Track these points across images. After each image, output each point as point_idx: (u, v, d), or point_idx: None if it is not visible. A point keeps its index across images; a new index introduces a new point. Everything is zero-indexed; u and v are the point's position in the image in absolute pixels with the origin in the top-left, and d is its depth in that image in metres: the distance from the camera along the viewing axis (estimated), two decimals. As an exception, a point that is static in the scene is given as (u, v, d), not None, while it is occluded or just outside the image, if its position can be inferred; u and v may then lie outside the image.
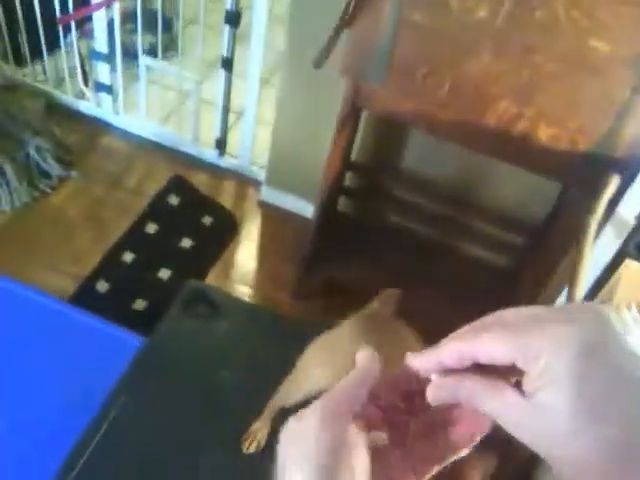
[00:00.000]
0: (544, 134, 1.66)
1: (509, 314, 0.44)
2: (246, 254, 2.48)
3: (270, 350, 1.43)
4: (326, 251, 2.28)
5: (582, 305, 0.46)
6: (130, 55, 2.62)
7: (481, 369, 0.44)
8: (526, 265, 2.34)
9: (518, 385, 0.42)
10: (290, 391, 1.21)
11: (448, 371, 0.45)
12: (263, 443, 1.28)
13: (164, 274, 2.32)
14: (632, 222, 1.50)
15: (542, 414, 0.40)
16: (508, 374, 0.43)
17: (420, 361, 0.46)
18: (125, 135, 2.73)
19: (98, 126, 2.73)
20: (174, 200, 2.53)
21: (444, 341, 0.45)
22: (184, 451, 1.27)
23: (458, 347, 0.44)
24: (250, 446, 1.27)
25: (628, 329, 0.42)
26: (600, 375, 0.40)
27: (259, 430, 1.28)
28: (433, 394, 0.45)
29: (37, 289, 1.93)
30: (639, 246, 1.95)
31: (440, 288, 2.32)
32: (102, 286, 2.25)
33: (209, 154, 2.68)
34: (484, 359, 0.43)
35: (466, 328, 0.45)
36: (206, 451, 1.27)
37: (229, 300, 1.51)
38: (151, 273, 2.31)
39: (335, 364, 1.07)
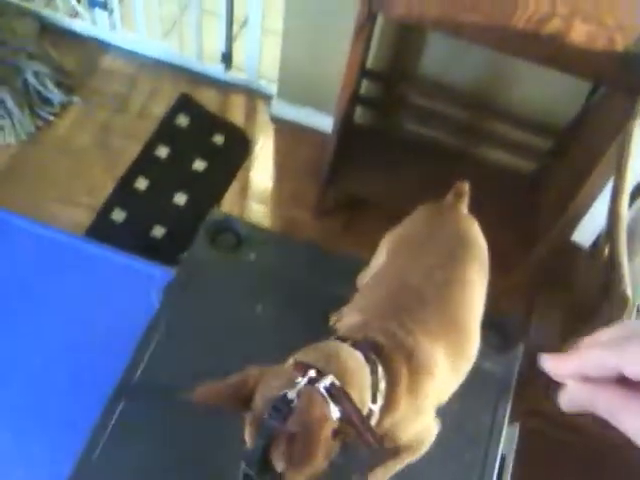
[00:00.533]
0: (579, 32, 1.55)
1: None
2: (261, 172, 2.40)
3: (301, 280, 1.39)
4: (345, 165, 2.21)
5: None
6: (122, -35, 2.46)
7: (620, 383, 0.40)
8: (550, 169, 2.27)
9: None
10: (363, 278, 1.24)
11: (584, 379, 0.41)
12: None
13: (180, 199, 2.26)
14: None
15: None
16: None
17: (556, 364, 0.43)
18: (125, 54, 2.59)
19: (96, 46, 2.59)
20: (183, 121, 2.43)
21: (584, 346, 0.42)
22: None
23: (603, 356, 0.41)
24: (337, 322, 1.30)
25: None
26: None
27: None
28: (568, 400, 0.43)
29: (52, 225, 1.88)
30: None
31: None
32: (118, 215, 2.20)
33: (215, 69, 2.55)
34: (632, 372, 0.39)
35: (607, 336, 0.42)
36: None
37: (255, 230, 1.44)
38: (167, 199, 2.25)
39: (396, 240, 1.12)
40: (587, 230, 1.80)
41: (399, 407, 0.85)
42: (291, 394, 0.72)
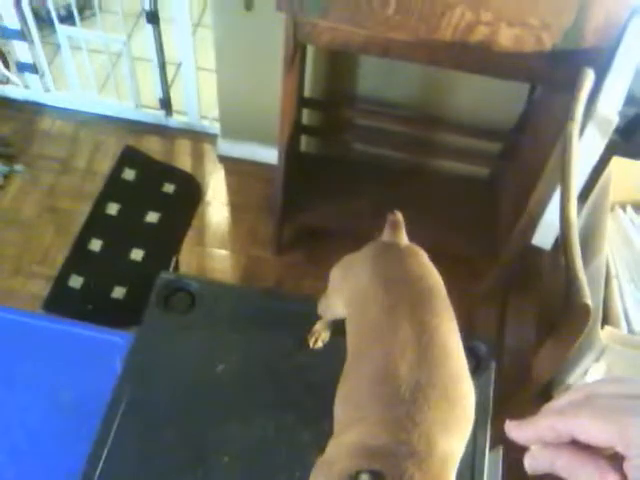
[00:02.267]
0: (506, 36, 1.54)
1: (605, 389, 0.44)
2: (217, 216, 2.36)
3: (259, 331, 1.34)
4: (297, 196, 2.18)
5: None
6: (46, 24, 2.41)
7: (577, 445, 0.43)
8: (504, 172, 2.26)
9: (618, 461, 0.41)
10: (324, 309, 1.24)
11: (544, 443, 0.45)
12: (327, 339, 1.31)
13: (136, 255, 2.20)
14: (615, 120, 1.40)
15: None
16: (608, 450, 0.42)
17: (518, 432, 0.47)
18: (62, 114, 2.54)
19: (32, 110, 2.54)
20: (130, 174, 2.38)
21: (542, 414, 0.46)
22: (193, 459, 1.20)
23: (555, 423, 0.44)
24: (316, 342, 1.31)
25: None
26: None
27: (322, 330, 1.31)
28: (530, 464, 0.46)
29: (8, 301, 1.82)
30: (621, 132, 1.87)
31: (423, 209, 2.24)
32: (76, 281, 2.13)
33: (156, 116, 2.51)
34: (581, 438, 0.42)
35: (565, 401, 0.45)
36: (216, 453, 1.20)
37: (207, 285, 1.40)
38: (123, 257, 2.20)
39: (352, 298, 1.08)
40: (546, 233, 1.78)
41: None
42: None
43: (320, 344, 1.32)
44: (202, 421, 1.23)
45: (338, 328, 1.25)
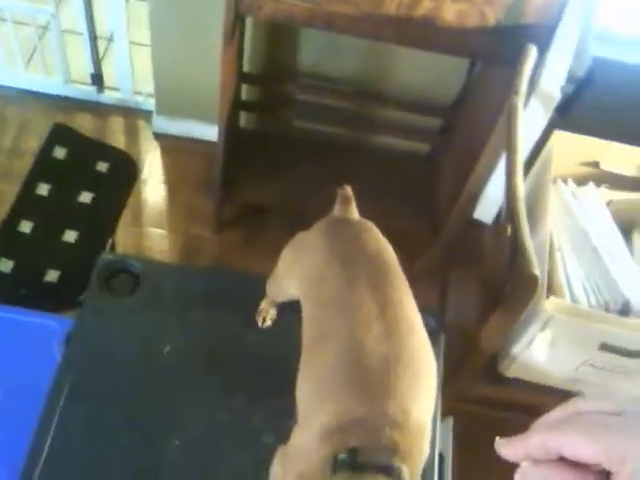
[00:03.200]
0: (450, 11, 1.54)
1: (589, 407, 0.45)
2: (153, 194, 2.29)
3: (206, 312, 1.31)
4: (237, 174, 2.14)
5: None
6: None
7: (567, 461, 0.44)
8: (444, 149, 2.27)
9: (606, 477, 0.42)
10: (274, 290, 1.23)
11: (535, 460, 0.46)
12: (275, 316, 1.30)
13: (70, 236, 2.12)
14: (557, 95, 1.42)
15: None
16: (597, 466, 0.43)
17: (507, 450, 0.48)
18: (-14, 89, 2.41)
19: (-48, 85, 2.40)
20: (61, 153, 2.28)
21: (531, 431, 0.46)
22: (143, 442, 1.17)
23: (543, 441, 0.45)
24: (265, 321, 1.29)
25: None
26: None
27: (269, 307, 1.30)
28: None
29: None
30: (558, 109, 1.90)
31: (363, 185, 2.23)
32: (5, 265, 2.03)
33: (87, 92, 2.41)
34: (570, 455, 0.43)
35: (553, 418, 0.46)
36: (166, 435, 1.17)
37: (150, 265, 1.35)
38: (55, 239, 2.11)
39: (307, 275, 1.06)
40: (487, 207, 1.80)
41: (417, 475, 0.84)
42: None
43: (269, 322, 1.30)
44: (150, 404, 1.19)
45: (285, 304, 1.23)
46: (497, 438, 0.49)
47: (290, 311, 1.12)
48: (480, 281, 1.98)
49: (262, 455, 1.04)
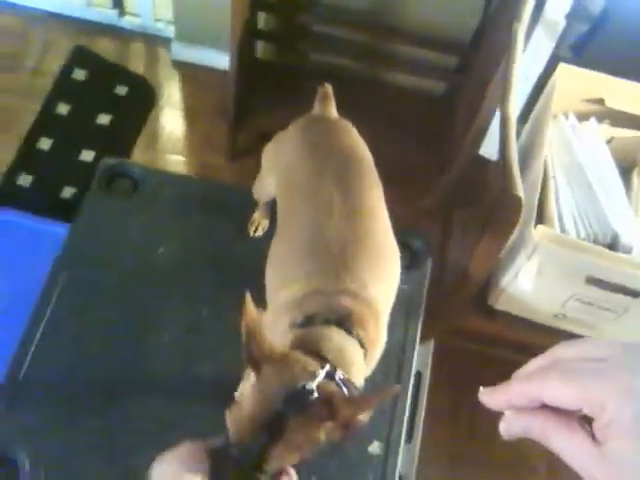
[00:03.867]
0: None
1: (570, 354, 0.45)
2: (170, 121, 2.33)
3: (202, 219, 1.36)
4: (253, 103, 2.16)
5: None
6: None
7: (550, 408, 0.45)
8: (460, 88, 2.26)
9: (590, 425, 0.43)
10: (257, 191, 1.29)
11: (517, 408, 0.46)
12: (266, 227, 1.35)
13: (87, 156, 2.18)
14: (562, 22, 1.41)
15: (611, 463, 0.40)
16: (578, 412, 0.44)
17: (490, 399, 0.48)
18: (11, 9, 2.44)
19: (-24, 3, 2.45)
20: (81, 74, 2.33)
21: (513, 380, 0.47)
22: (132, 336, 1.23)
23: (524, 390, 0.45)
24: (256, 231, 1.35)
25: None
26: None
27: (261, 218, 1.35)
28: (505, 429, 0.47)
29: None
30: (573, 47, 1.88)
31: (375, 120, 2.24)
32: (25, 180, 2.11)
33: (109, 16, 2.44)
34: (551, 402, 0.44)
35: (534, 366, 0.46)
36: (156, 331, 1.23)
37: (150, 172, 1.41)
38: (73, 157, 2.18)
39: (283, 169, 1.10)
40: (493, 143, 1.80)
41: (375, 357, 0.89)
42: (310, 385, 0.71)
43: (260, 232, 1.35)
44: (142, 300, 1.26)
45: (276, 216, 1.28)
46: (480, 388, 0.49)
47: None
48: (482, 223, 2.00)
49: (240, 350, 1.09)
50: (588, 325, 1.61)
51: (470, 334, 1.83)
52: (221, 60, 2.34)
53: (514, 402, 0.46)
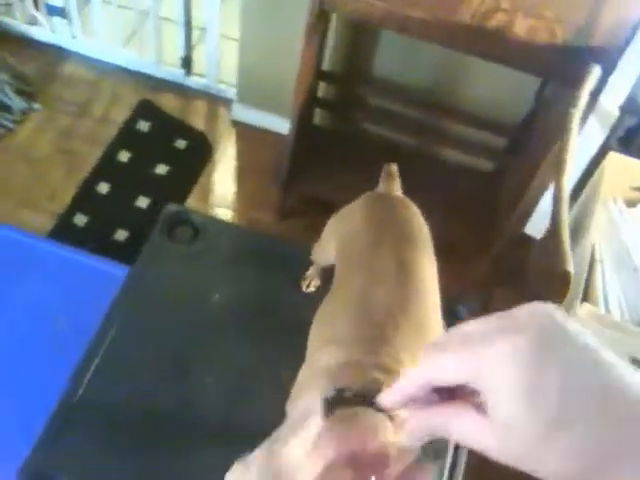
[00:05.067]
0: (521, 26, 1.61)
1: (444, 336, 0.44)
2: (223, 176, 2.43)
3: (257, 270, 1.41)
4: (306, 167, 2.24)
5: (531, 309, 0.44)
6: (81, -26, 2.48)
7: (451, 392, 0.44)
8: (508, 167, 2.32)
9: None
10: (316, 254, 1.32)
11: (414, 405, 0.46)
12: (319, 284, 1.38)
13: (142, 202, 2.27)
14: (615, 113, 1.47)
15: (503, 431, 0.40)
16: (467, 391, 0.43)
17: (387, 399, 0.48)
18: (86, 61, 2.61)
19: (56, 53, 2.60)
20: (144, 126, 2.45)
21: (402, 372, 0.47)
22: (182, 378, 1.27)
23: (413, 377, 0.45)
24: (309, 287, 1.38)
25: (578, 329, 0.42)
26: (552, 381, 0.39)
27: (314, 275, 1.39)
28: (409, 435, 0.46)
29: (12, 226, 1.88)
30: (621, 139, 1.93)
31: (424, 195, 2.30)
32: (80, 220, 2.20)
33: (175, 74, 2.58)
34: (438, 384, 0.43)
35: (429, 348, 0.45)
36: (205, 374, 1.26)
37: (211, 221, 1.47)
38: (129, 202, 2.27)
39: (344, 238, 1.13)
40: (539, 221, 1.85)
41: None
42: None
43: (312, 288, 1.39)
44: (191, 344, 1.30)
45: (330, 276, 1.32)
46: (379, 396, 0.49)
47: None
48: (522, 298, 2.02)
49: (280, 403, 1.12)
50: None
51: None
52: (277, 123, 2.45)
53: (410, 393, 0.46)
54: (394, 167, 1.24)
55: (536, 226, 1.89)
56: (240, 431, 1.22)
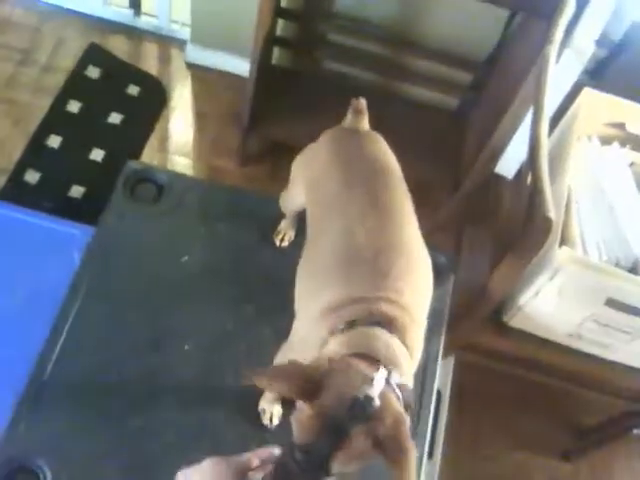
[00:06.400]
0: (492, -44, 1.53)
1: None
2: (181, 122, 2.32)
3: (225, 225, 1.35)
4: (266, 109, 2.15)
5: None
6: None
7: None
8: (473, 104, 2.27)
9: None
10: (285, 202, 1.28)
11: None
12: (292, 238, 1.35)
13: (97, 155, 2.16)
14: (591, 49, 1.42)
15: None
16: None
17: None
18: (26, 4, 2.42)
19: (-9, -5, 2.42)
20: (94, 72, 2.31)
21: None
22: (155, 344, 1.21)
23: None
24: (282, 241, 1.34)
25: None
26: None
27: (287, 228, 1.35)
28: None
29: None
30: (591, 72, 1.89)
31: (388, 134, 2.24)
32: (32, 176, 2.09)
33: (124, 15, 2.42)
34: None
35: None
36: (179, 339, 1.22)
37: (175, 178, 1.39)
38: (83, 156, 2.15)
39: (312, 179, 1.10)
40: (510, 161, 1.81)
41: (415, 365, 0.89)
42: (371, 393, 0.72)
43: (286, 243, 1.34)
44: (164, 308, 1.24)
45: (303, 227, 1.27)
46: None
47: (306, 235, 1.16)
48: (494, 237, 2.00)
49: (264, 363, 1.08)
50: (602, 345, 1.62)
51: (481, 350, 1.83)
52: (234, 64, 2.34)
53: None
54: (363, 101, 1.19)
55: (507, 166, 1.86)
56: (219, 398, 1.18)
